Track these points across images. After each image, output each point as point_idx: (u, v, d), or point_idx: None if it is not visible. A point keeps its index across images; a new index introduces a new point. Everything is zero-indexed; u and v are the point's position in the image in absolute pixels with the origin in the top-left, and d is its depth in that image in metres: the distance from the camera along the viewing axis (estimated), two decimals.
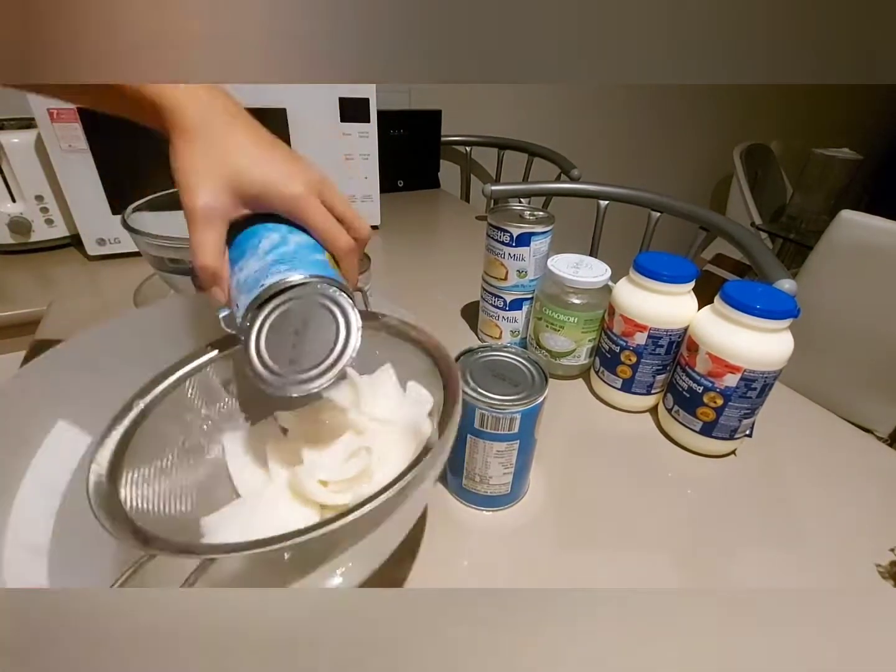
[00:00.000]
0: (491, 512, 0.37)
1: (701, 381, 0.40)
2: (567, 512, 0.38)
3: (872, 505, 0.40)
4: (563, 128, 1.53)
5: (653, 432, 0.46)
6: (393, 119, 1.08)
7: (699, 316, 0.41)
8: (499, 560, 0.34)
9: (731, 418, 0.40)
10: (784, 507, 0.39)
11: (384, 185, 0.90)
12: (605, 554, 0.35)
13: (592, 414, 0.49)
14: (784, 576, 0.34)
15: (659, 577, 0.33)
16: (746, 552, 0.35)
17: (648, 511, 0.38)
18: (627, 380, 0.46)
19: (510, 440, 0.33)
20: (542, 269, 0.51)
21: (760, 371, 0.37)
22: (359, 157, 0.83)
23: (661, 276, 0.42)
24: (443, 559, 0.34)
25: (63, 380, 0.30)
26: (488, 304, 0.56)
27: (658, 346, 0.44)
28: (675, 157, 1.85)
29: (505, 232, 0.49)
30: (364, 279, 0.51)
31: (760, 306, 0.37)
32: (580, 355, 0.50)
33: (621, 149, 1.70)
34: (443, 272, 0.78)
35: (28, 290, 0.66)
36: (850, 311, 0.91)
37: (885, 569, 0.34)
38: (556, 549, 0.35)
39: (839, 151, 1.47)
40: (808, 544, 0.36)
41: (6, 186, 0.71)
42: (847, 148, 1.49)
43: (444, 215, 1.09)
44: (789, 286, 0.61)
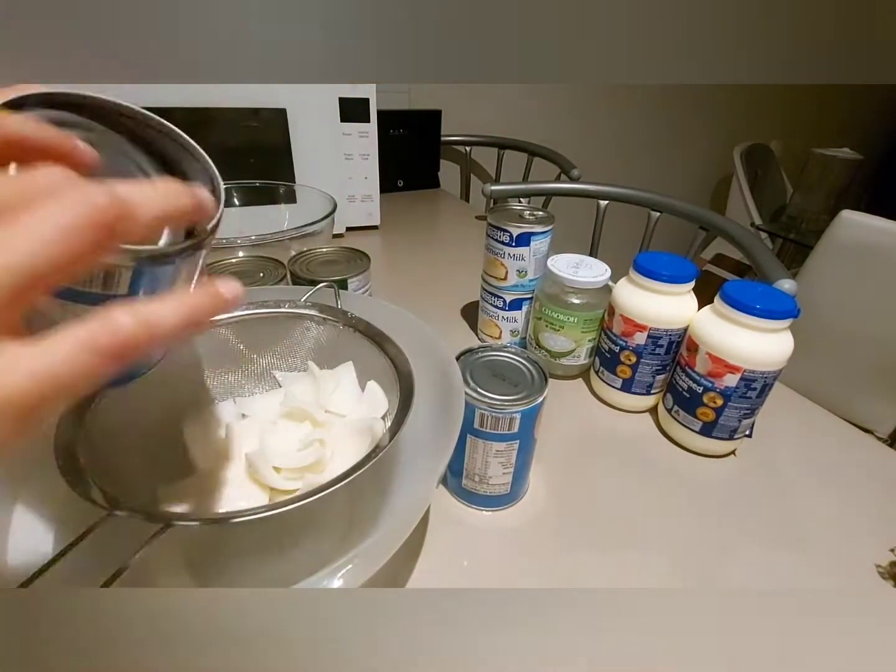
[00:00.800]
0: (491, 512, 0.37)
1: (701, 381, 0.40)
2: (567, 512, 0.38)
3: (872, 505, 0.40)
4: (563, 128, 1.53)
5: (652, 432, 0.46)
6: (393, 119, 1.08)
7: (699, 316, 0.41)
8: (499, 560, 0.34)
9: (731, 418, 0.40)
10: (784, 507, 0.39)
11: (384, 185, 0.90)
12: (605, 554, 0.35)
13: (592, 414, 0.49)
14: (784, 576, 0.34)
15: (659, 577, 0.33)
16: (746, 552, 0.35)
17: (648, 511, 0.38)
18: (627, 380, 0.46)
19: (510, 440, 0.33)
20: (541, 269, 0.51)
21: (760, 371, 0.37)
22: (359, 157, 0.83)
23: (661, 276, 0.42)
24: (443, 559, 0.34)
25: None
26: (488, 303, 0.56)
27: (658, 346, 0.44)
28: (675, 157, 1.85)
29: (505, 232, 0.49)
30: (363, 279, 0.51)
31: (760, 306, 0.37)
32: (580, 355, 0.50)
33: (621, 149, 1.70)
34: (442, 272, 0.78)
35: None
36: (850, 311, 0.91)
37: (885, 569, 0.34)
38: (556, 549, 0.35)
39: (839, 151, 1.47)
40: (808, 544, 0.36)
41: None
42: (847, 148, 1.49)
43: (444, 215, 1.09)
44: (789, 286, 0.61)
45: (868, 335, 0.89)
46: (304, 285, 0.42)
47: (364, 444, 0.29)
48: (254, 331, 0.35)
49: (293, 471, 0.29)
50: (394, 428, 0.27)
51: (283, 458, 0.30)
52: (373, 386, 0.33)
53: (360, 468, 0.24)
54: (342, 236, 0.88)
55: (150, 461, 0.29)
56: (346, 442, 0.31)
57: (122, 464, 0.27)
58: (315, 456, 0.30)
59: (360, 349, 0.34)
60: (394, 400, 0.30)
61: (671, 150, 1.82)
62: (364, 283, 0.51)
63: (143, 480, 0.27)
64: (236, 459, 0.30)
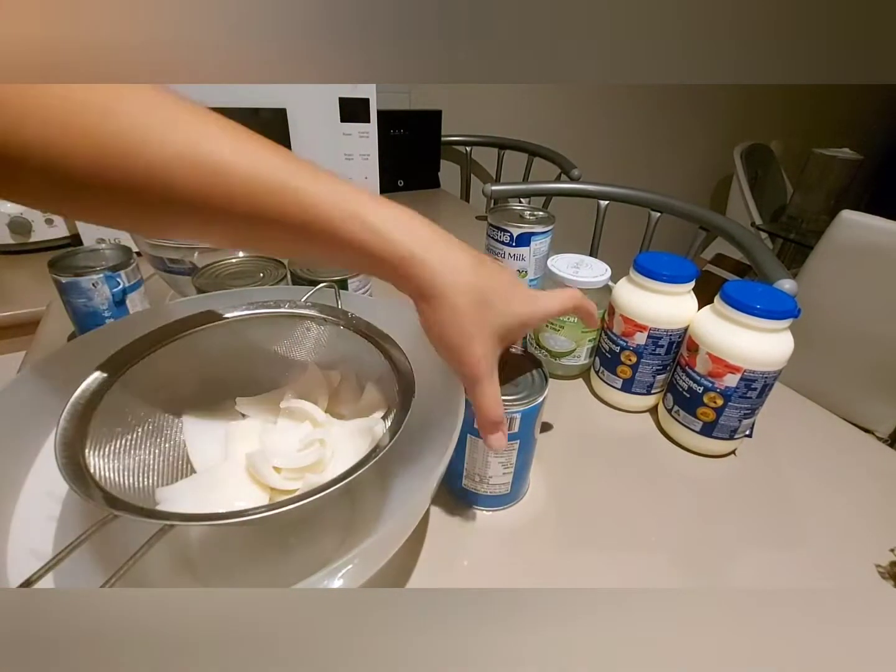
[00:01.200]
0: (491, 512, 0.37)
1: (701, 382, 0.40)
2: (567, 512, 0.38)
3: (872, 505, 0.40)
4: (563, 128, 1.53)
5: (653, 432, 0.46)
6: (393, 119, 1.08)
7: (699, 316, 0.41)
8: (499, 560, 0.34)
9: (731, 418, 0.40)
10: (784, 507, 0.39)
11: (384, 185, 0.90)
12: (605, 554, 0.35)
13: (592, 414, 0.49)
14: (784, 576, 0.34)
15: (659, 577, 0.33)
16: (746, 552, 0.35)
17: (648, 511, 0.38)
18: (627, 380, 0.46)
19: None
20: (542, 269, 0.51)
21: (760, 371, 0.37)
22: (359, 157, 0.83)
23: (661, 276, 0.42)
24: (443, 559, 0.34)
25: (63, 383, 0.30)
26: None
27: (658, 346, 0.44)
28: (674, 157, 1.85)
29: (505, 232, 0.49)
30: (363, 279, 0.51)
31: (760, 306, 0.37)
32: (580, 355, 0.50)
33: (621, 149, 1.70)
34: None
35: (28, 290, 0.66)
36: (851, 311, 0.91)
37: (885, 569, 0.34)
38: (556, 548, 0.35)
39: (839, 151, 1.47)
40: (808, 544, 0.36)
41: None
42: (847, 148, 1.49)
43: (444, 215, 1.09)
44: (789, 286, 0.61)
45: (868, 335, 0.89)
46: (304, 285, 0.42)
47: (364, 445, 0.29)
48: (254, 331, 0.35)
49: (293, 471, 0.29)
50: (394, 428, 0.27)
51: (283, 459, 0.30)
52: (371, 387, 0.33)
53: (360, 468, 0.24)
54: None
55: (151, 461, 0.29)
56: (346, 442, 0.31)
57: (123, 464, 0.27)
58: (315, 456, 0.30)
59: (359, 349, 0.34)
60: (394, 400, 0.30)
61: (671, 150, 1.82)
62: (364, 283, 0.51)
63: (144, 481, 0.27)
64: (236, 459, 0.30)
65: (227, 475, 0.29)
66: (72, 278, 0.44)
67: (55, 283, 0.45)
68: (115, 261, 0.47)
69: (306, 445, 0.31)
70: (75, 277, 0.44)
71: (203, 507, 0.26)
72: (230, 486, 0.29)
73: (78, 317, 0.47)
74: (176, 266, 0.51)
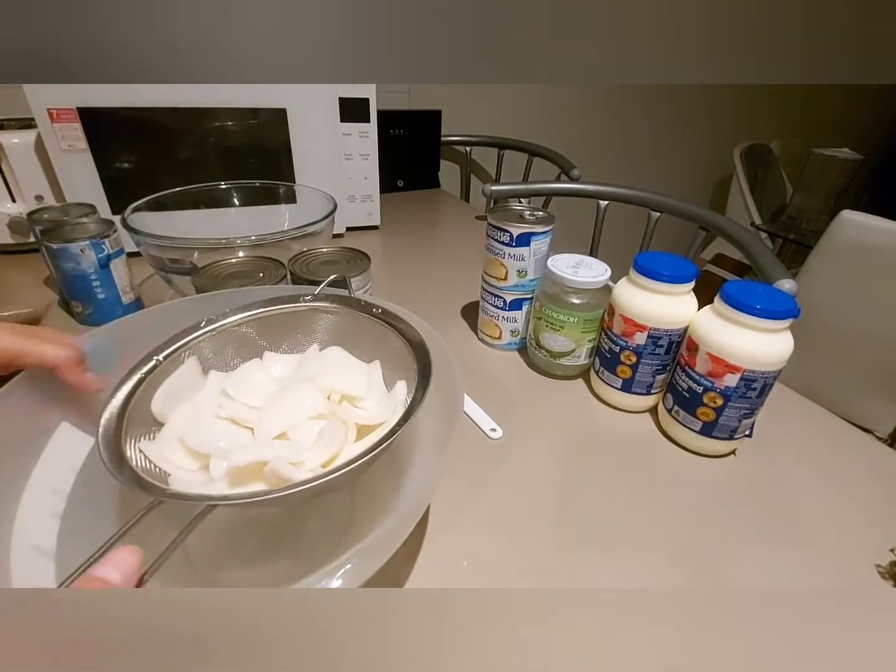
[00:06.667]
0: (491, 511, 0.37)
1: (701, 381, 0.40)
2: (567, 512, 0.38)
3: (872, 505, 0.40)
4: (563, 128, 1.53)
5: (653, 432, 0.46)
6: (393, 119, 1.08)
7: (699, 316, 0.41)
8: (499, 560, 0.34)
9: (731, 418, 0.40)
10: (784, 507, 0.39)
11: (384, 185, 0.90)
12: (605, 554, 0.35)
13: (592, 414, 0.49)
14: (784, 576, 0.34)
15: (659, 577, 0.33)
16: (746, 552, 0.35)
17: (648, 511, 0.38)
18: (627, 380, 0.46)
19: None
20: (542, 269, 0.51)
21: (760, 371, 0.37)
22: (359, 157, 0.83)
23: (661, 276, 0.42)
24: (443, 559, 0.34)
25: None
26: (488, 303, 0.55)
27: (658, 346, 0.44)
28: (675, 157, 1.85)
29: (505, 232, 0.49)
30: (363, 279, 0.51)
31: (760, 306, 0.37)
32: (580, 355, 0.50)
33: (621, 149, 1.70)
34: (443, 272, 0.78)
35: (28, 290, 0.66)
36: (850, 311, 0.91)
37: (885, 569, 0.34)
38: (556, 548, 0.35)
39: (839, 151, 1.47)
40: (808, 544, 0.36)
41: (6, 186, 0.71)
42: (847, 148, 1.49)
43: (444, 215, 1.09)
44: (789, 286, 0.61)
45: (868, 335, 0.89)
46: (304, 285, 0.43)
47: (374, 439, 0.29)
48: (274, 327, 0.36)
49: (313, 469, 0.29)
50: (418, 397, 0.28)
51: (301, 456, 0.29)
52: (402, 384, 0.33)
53: (393, 434, 0.25)
54: (342, 236, 0.88)
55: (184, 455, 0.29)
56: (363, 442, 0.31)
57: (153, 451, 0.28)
58: (334, 447, 0.29)
59: (375, 333, 0.35)
60: (413, 378, 0.30)
61: (671, 150, 1.82)
62: (364, 283, 0.52)
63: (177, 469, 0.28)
64: (259, 452, 0.30)
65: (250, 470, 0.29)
66: (62, 244, 0.50)
67: (46, 250, 0.51)
68: (99, 231, 0.53)
69: (327, 444, 0.30)
70: (65, 244, 0.50)
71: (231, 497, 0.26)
72: (254, 482, 0.29)
73: (67, 280, 0.53)
74: (176, 266, 0.51)
